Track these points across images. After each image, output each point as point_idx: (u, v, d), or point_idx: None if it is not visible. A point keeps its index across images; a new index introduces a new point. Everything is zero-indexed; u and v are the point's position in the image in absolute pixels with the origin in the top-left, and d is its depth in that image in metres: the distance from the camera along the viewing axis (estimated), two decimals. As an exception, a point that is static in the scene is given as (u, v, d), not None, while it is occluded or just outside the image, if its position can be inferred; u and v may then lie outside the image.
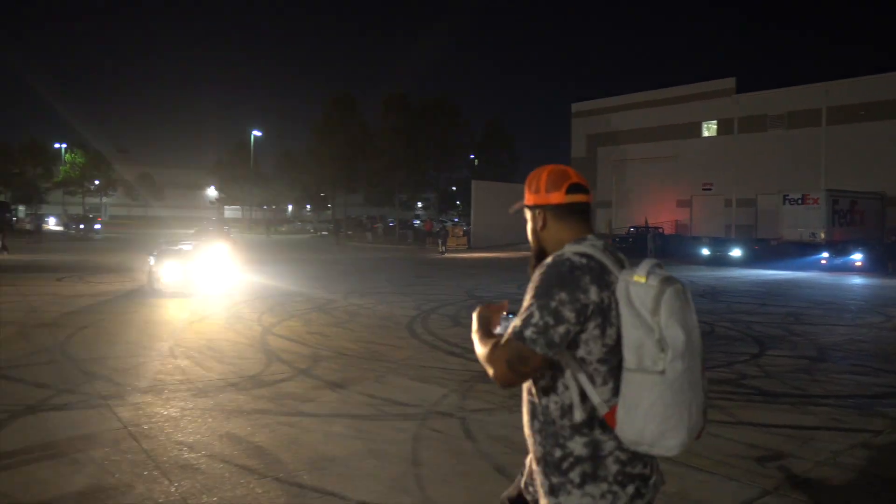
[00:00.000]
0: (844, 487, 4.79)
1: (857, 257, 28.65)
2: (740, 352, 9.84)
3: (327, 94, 56.13)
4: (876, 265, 28.77)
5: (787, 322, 13.09)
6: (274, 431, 5.85)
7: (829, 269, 27.58)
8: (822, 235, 31.42)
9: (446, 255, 35.81)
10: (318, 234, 65.28)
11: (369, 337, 10.70)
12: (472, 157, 57.17)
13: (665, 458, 1.97)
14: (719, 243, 35.00)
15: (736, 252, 32.36)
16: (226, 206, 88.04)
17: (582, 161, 55.74)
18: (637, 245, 36.86)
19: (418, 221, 75.97)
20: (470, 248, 41.70)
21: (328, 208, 74.49)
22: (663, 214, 46.97)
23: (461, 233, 43.98)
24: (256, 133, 66.08)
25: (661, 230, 41.42)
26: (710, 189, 46.95)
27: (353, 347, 9.80)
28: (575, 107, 57.17)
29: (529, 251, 2.29)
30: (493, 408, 6.69)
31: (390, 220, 67.52)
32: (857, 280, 23.66)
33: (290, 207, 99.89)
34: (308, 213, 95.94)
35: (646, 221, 41.56)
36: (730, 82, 46.97)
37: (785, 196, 33.40)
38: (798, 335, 11.56)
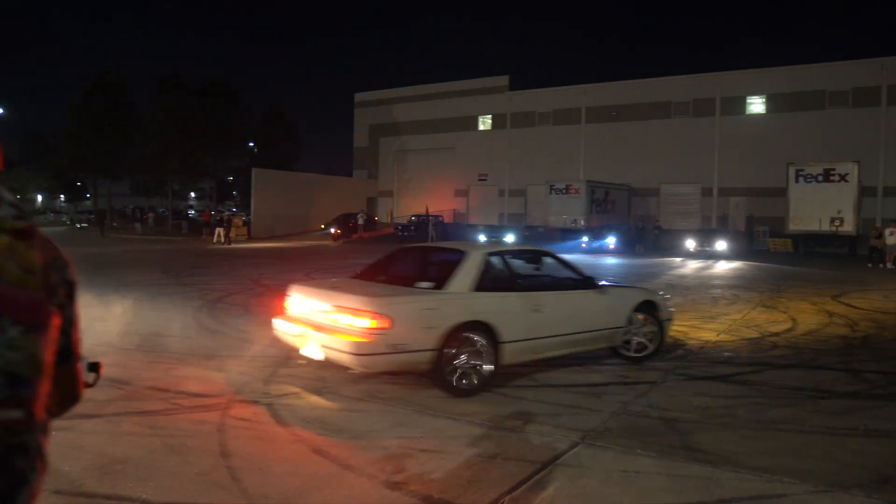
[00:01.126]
0: (637, 431, 5.25)
1: (611, 240, 32.16)
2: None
3: (90, 77, 50.13)
4: (626, 247, 32.59)
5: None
6: (48, 436, 5.07)
7: (589, 251, 30.51)
8: (583, 222, 34.76)
9: (232, 245, 34.09)
10: (77, 225, 58.67)
11: (150, 329, 9.75)
12: (251, 144, 54.82)
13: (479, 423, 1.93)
14: (494, 230, 37.32)
15: (509, 237, 34.62)
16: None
17: (364, 150, 56.13)
18: (419, 233, 37.98)
19: (193, 212, 71.39)
20: (250, 239, 40.04)
21: (87, 198, 67.28)
22: (443, 203, 48.86)
23: (241, 223, 42.09)
24: (-4, 111, 57.53)
25: (441, 218, 43.04)
26: (485, 179, 49.73)
27: (130, 340, 8.86)
28: (358, 96, 57.32)
29: (314, 240, 2.07)
30: (299, 391, 6.41)
31: (161, 209, 62.62)
32: (611, 260, 26.45)
33: (39, 197, 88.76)
34: (63, 204, 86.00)
35: (426, 210, 42.96)
36: (503, 80, 49.98)
37: (551, 186, 36.42)
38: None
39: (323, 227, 41.88)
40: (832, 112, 37.92)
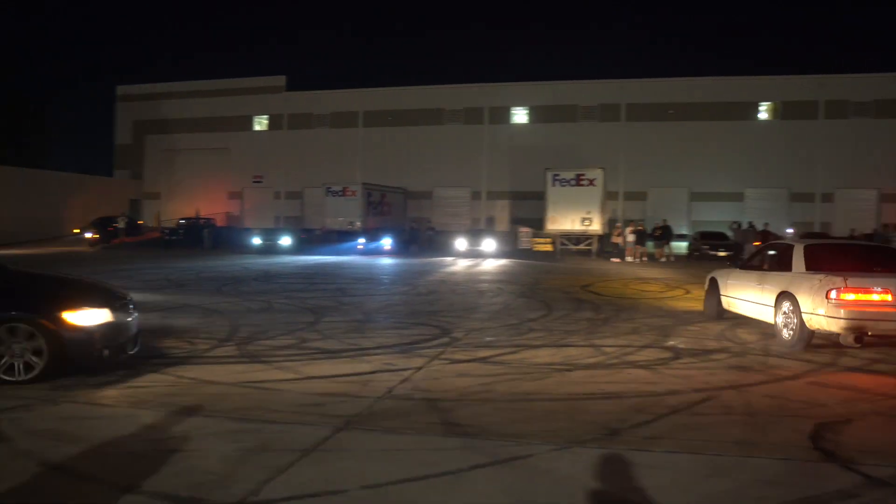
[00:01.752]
0: (401, 411, 5.34)
1: (387, 242, 32.79)
2: (299, 321, 10.29)
3: None
4: (401, 248, 33.44)
5: (336, 295, 14.21)
6: None
7: (366, 252, 30.82)
8: (359, 224, 35.03)
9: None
10: None
11: None
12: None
13: (237, 418, 1.83)
14: (269, 233, 36.26)
15: (285, 240, 33.92)
16: None
17: (128, 148, 51.64)
18: (189, 237, 35.70)
19: None
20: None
21: None
22: (215, 206, 46.50)
23: (-28, 227, 36.50)
24: None
25: (213, 222, 40.90)
26: (260, 181, 48.20)
27: None
28: (120, 90, 52.42)
29: (66, 246, 1.86)
30: (27, 404, 5.63)
31: None
32: (387, 260, 26.96)
33: None
34: None
35: (197, 213, 40.56)
36: (280, 80, 48.72)
37: (328, 188, 36.24)
38: (347, 304, 12.66)
39: (77, 231, 37.73)
40: (583, 124, 42.32)
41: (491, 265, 24.71)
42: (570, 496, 3.84)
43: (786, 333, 8.49)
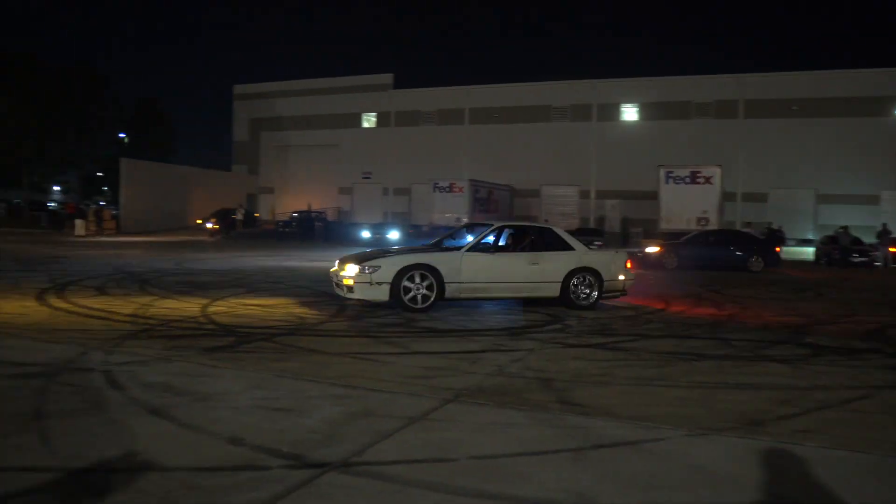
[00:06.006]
0: (513, 388, 4.98)
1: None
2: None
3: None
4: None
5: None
6: None
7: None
8: (466, 219, 34.92)
9: (100, 237, 31.71)
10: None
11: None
12: (121, 135, 51.14)
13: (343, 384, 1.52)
14: (378, 227, 36.79)
15: (393, 234, 34.26)
16: None
17: (245, 145, 54.02)
18: (302, 230, 36.84)
19: (54, 203, 65.84)
20: (119, 233, 37.35)
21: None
22: (326, 201, 47.74)
23: (109, 216, 39.14)
24: None
25: (324, 215, 41.99)
26: (369, 177, 49.06)
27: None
28: (237, 89, 55.04)
29: (189, 236, 1.66)
30: (146, 360, 5.70)
31: (16, 199, 57.26)
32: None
33: None
34: None
35: (309, 206, 41.77)
36: (388, 78, 49.56)
37: (435, 184, 36.39)
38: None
39: (200, 221, 39.72)
40: (696, 121, 40.36)
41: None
42: (711, 483, 3.35)
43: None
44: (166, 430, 3.84)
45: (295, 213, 41.02)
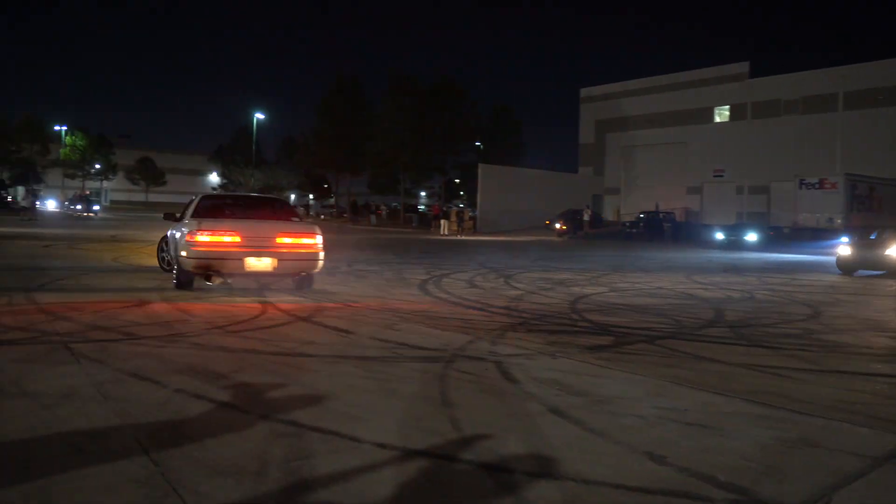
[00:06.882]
0: None
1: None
2: (793, 312, 8.76)
3: (332, 79, 54.49)
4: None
5: (829, 292, 12.03)
6: (264, 370, 4.77)
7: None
8: (840, 221, 30.29)
9: (460, 236, 34.95)
10: (321, 218, 64.05)
11: (377, 293, 9.62)
12: (477, 144, 55.61)
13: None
14: (733, 229, 33.85)
15: (751, 237, 31.20)
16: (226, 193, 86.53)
17: (590, 147, 54.54)
18: (649, 230, 35.76)
19: (422, 206, 74.60)
20: (476, 232, 40.55)
21: (331, 196, 73.35)
22: (673, 201, 45.70)
23: (468, 216, 42.78)
24: (259, 116, 64.44)
25: (672, 216, 40.24)
26: (721, 175, 45.66)
27: (359, 301, 8.72)
28: (583, 92, 55.84)
29: (538, 235, 1.19)
30: (531, 353, 5.59)
31: (394, 204, 66.13)
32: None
33: (292, 196, 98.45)
34: (311, 201, 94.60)
35: (657, 207, 40.36)
36: (743, 67, 45.69)
37: (801, 181, 32.23)
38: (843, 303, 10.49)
39: (548, 222, 41.13)
40: None
41: None
42: None
43: None
44: (573, 434, 3.52)
45: (642, 213, 39.96)
